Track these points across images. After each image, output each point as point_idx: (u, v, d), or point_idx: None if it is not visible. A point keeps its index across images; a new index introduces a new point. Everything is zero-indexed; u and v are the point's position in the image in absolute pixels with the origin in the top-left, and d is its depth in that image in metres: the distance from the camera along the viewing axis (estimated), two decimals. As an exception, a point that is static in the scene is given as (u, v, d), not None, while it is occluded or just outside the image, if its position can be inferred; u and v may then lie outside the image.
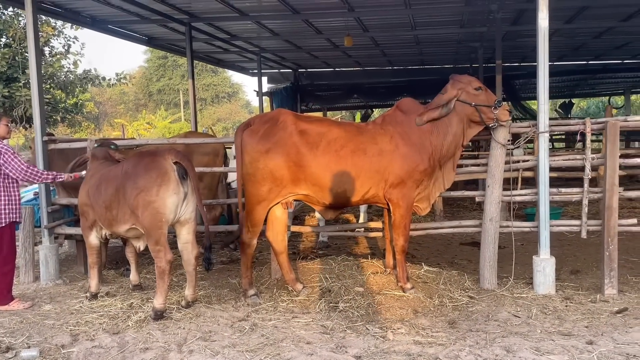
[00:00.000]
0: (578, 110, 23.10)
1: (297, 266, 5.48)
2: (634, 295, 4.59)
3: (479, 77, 12.01)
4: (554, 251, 6.44)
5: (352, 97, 16.48)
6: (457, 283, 4.93)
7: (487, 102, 4.60)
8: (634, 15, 9.12)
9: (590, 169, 4.70)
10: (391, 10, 8.56)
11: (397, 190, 4.54)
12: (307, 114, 5.15)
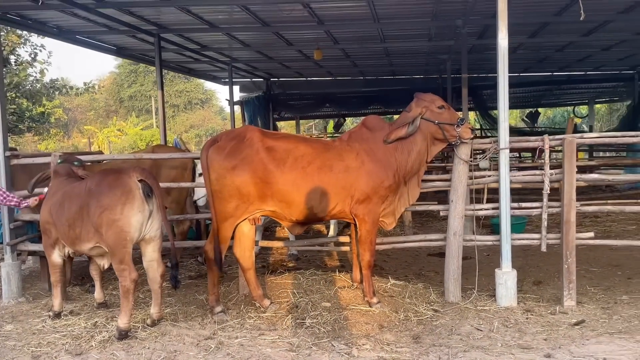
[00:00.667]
0: (545, 119, 23.71)
1: (266, 281, 5.50)
2: (592, 307, 4.74)
3: (448, 88, 12.27)
4: (519, 262, 6.65)
5: (324, 106, 16.60)
6: (423, 296, 5.02)
7: (450, 120, 4.71)
8: (594, 31, 9.45)
9: (549, 184, 4.85)
10: (360, 23, 8.68)
11: (363, 206, 4.61)
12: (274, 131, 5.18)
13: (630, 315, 4.46)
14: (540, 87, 16.16)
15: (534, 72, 15.13)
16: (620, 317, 4.43)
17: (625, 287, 5.38)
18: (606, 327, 4.23)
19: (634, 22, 8.96)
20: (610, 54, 12.14)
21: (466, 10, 7.48)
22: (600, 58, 12.93)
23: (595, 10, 8.15)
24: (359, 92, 16.21)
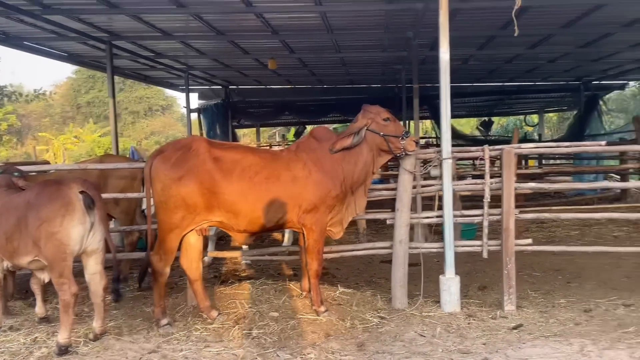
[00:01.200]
0: (498, 127, 24.44)
1: (215, 292, 5.47)
2: (531, 311, 4.92)
3: (403, 97, 12.52)
4: (467, 267, 6.84)
5: (283, 114, 16.66)
6: (370, 304, 5.10)
7: (395, 133, 4.82)
8: (539, 43, 9.86)
9: (489, 193, 5.03)
10: (314, 34, 8.79)
11: (311, 216, 4.67)
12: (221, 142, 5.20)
13: (566, 319, 4.66)
14: (492, 96, 16.71)
15: (486, 82, 15.63)
16: (556, 321, 4.62)
17: (564, 291, 5.60)
18: (542, 330, 4.40)
19: (575, 35, 9.41)
20: (556, 65, 12.66)
21: (416, 23, 7.69)
22: (547, 69, 13.47)
23: (539, 25, 8.54)
24: (318, 100, 16.35)
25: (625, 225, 8.81)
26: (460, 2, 6.81)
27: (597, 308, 4.91)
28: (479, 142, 16.74)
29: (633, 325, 4.36)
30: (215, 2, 6.84)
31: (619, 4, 7.23)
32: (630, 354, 3.79)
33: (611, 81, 15.78)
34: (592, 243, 7.83)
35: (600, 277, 6.09)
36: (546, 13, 7.81)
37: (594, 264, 6.67)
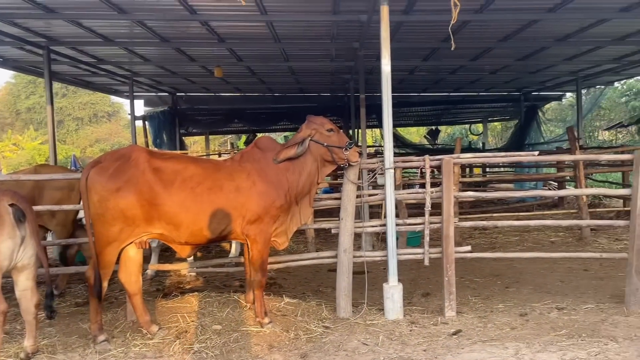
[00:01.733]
0: (445, 136, 25.13)
1: (157, 305, 5.34)
2: (471, 316, 5.06)
3: (351, 107, 12.67)
4: (412, 274, 6.98)
5: (233, 122, 16.51)
6: (315, 313, 5.11)
7: (338, 144, 4.87)
8: (480, 56, 10.23)
9: (430, 202, 5.15)
10: (262, 43, 8.78)
11: (255, 226, 4.63)
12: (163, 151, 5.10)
13: (502, 323, 4.81)
14: (439, 106, 17.18)
15: (433, 92, 16.04)
16: (494, 325, 4.77)
17: (502, 295, 5.80)
18: (481, 335, 4.53)
19: (513, 49, 9.82)
20: (498, 77, 13.17)
21: (362, 34, 7.81)
22: (489, 80, 13.98)
23: (479, 38, 8.86)
24: (268, 108, 16.30)
25: (562, 231, 9.23)
26: (402, 15, 6.98)
27: (533, 312, 5.10)
28: (427, 150, 17.17)
29: (565, 328, 4.56)
30: (158, 9, 6.72)
31: (551, 20, 7.61)
32: (561, 356, 3.96)
33: (549, 92, 16.53)
34: (531, 248, 8.15)
35: (537, 281, 6.35)
36: (485, 27, 8.11)
37: (531, 268, 6.94)
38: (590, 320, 4.77)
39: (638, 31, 8.37)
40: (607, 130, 24.35)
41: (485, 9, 6.83)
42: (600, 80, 14.28)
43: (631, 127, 21.67)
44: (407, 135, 24.41)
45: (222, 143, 28.91)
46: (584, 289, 5.89)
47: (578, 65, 11.72)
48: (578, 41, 9.03)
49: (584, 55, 10.48)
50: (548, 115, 21.73)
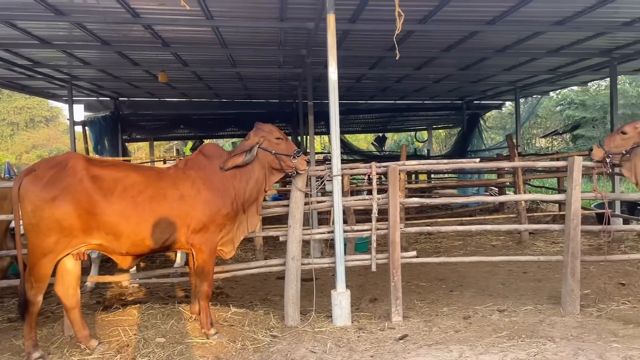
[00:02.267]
0: (392, 142, 25.64)
1: (97, 319, 5.11)
2: (417, 320, 5.15)
3: (299, 113, 12.68)
4: (360, 280, 7.03)
5: (178, 127, 16.16)
6: (263, 323, 5.05)
7: (286, 152, 4.84)
8: (424, 65, 10.50)
9: (377, 208, 5.21)
10: (208, 48, 8.65)
11: (200, 235, 4.53)
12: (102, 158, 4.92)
13: (447, 326, 4.92)
14: (385, 113, 17.51)
15: (379, 100, 16.31)
16: (439, 329, 4.86)
17: (447, 299, 5.94)
18: (426, 339, 4.61)
19: (455, 59, 10.13)
20: (441, 85, 13.56)
21: (309, 42, 7.83)
22: (433, 89, 14.37)
23: (423, 48, 9.10)
24: (215, 114, 16.07)
25: (502, 235, 9.57)
26: (349, 23, 7.06)
27: (475, 315, 5.25)
28: (374, 157, 17.43)
29: (506, 330, 4.71)
30: (99, 11, 6.48)
31: (491, 32, 7.91)
32: (502, 357, 4.08)
33: (489, 101, 17.17)
34: (473, 252, 8.41)
35: (479, 284, 6.55)
36: (429, 37, 8.34)
37: (474, 272, 7.16)
38: (529, 321, 4.95)
39: (571, 44, 8.84)
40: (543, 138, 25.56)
41: (429, 19, 7.01)
42: (536, 90, 14.97)
43: (565, 135, 22.86)
44: (355, 142, 24.71)
45: (168, 149, 28.27)
46: (523, 291, 6.12)
47: (516, 76, 12.24)
48: (516, 52, 9.43)
49: (521, 66, 10.95)
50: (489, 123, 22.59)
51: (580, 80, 13.25)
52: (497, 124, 26.99)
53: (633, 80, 19.53)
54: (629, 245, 8.03)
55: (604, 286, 6.13)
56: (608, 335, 4.45)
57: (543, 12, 6.94)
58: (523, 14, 6.88)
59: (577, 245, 5.15)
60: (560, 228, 5.47)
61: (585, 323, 4.84)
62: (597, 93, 20.88)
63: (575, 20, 7.21)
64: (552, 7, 6.73)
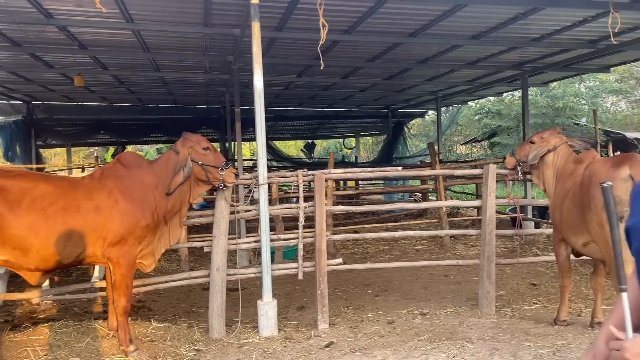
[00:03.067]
0: (321, 149, 25.89)
1: (4, 340, 4.74)
2: (343, 327, 5.20)
3: (227, 120, 12.51)
4: (288, 288, 7.01)
5: (98, 133, 15.40)
6: (187, 336, 4.90)
7: (214, 163, 4.74)
8: (350, 74, 10.69)
9: (303, 216, 5.23)
10: (129, 51, 8.33)
11: (117, 248, 4.33)
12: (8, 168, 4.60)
13: (372, 332, 5.00)
14: (314, 120, 17.65)
15: (308, 107, 16.42)
16: (364, 335, 4.94)
17: (372, 304, 6.05)
18: (351, 345, 4.66)
19: (380, 69, 10.40)
20: (367, 94, 13.86)
21: (236, 48, 7.74)
22: (360, 97, 14.66)
23: (349, 58, 9.26)
24: (138, 119, 15.48)
25: (425, 239, 9.91)
26: (275, 32, 7.06)
27: (399, 319, 5.38)
28: (304, 164, 17.51)
29: (427, 333, 4.86)
30: (8, 11, 6.05)
31: (413, 44, 8.19)
32: (424, 360, 4.21)
33: (413, 110, 17.75)
34: (398, 257, 8.64)
35: (403, 288, 6.73)
36: (354, 48, 8.50)
37: (399, 276, 7.35)
38: (449, 323, 5.15)
39: (486, 57, 9.33)
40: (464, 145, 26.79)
41: (354, 30, 7.15)
42: (456, 100, 15.68)
43: (484, 142, 24.09)
44: (285, 148, 24.72)
45: (88, 155, 26.89)
46: (444, 294, 6.35)
47: (437, 86, 12.76)
48: (437, 64, 9.82)
49: (442, 77, 11.42)
50: (413, 130, 23.38)
51: (496, 91, 14.03)
52: (421, 131, 28.00)
53: (544, 92, 20.94)
54: (540, 247, 8.57)
55: (518, 287, 6.50)
56: (521, 335, 4.70)
57: (460, 27, 7.28)
58: (442, 27, 7.18)
59: (492, 249, 5.43)
60: (477, 233, 5.74)
61: (501, 323, 5.10)
62: (511, 103, 22.17)
63: (489, 35, 7.63)
64: (468, 23, 7.08)
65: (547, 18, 6.87)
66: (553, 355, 4.18)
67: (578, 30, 7.42)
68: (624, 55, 9.26)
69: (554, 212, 4.94)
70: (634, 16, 6.75)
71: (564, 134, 5.10)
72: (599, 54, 8.77)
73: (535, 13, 6.55)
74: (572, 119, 20.65)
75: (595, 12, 6.53)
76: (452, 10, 6.42)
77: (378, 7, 6.17)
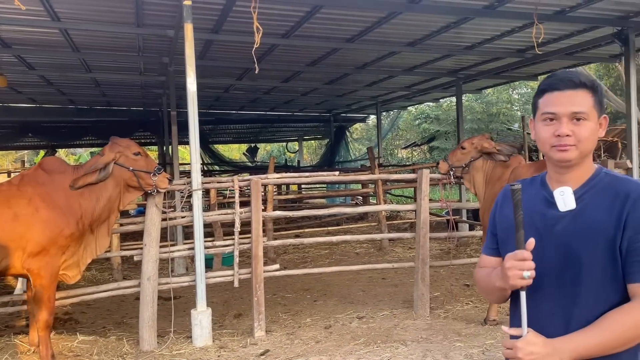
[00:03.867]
0: (265, 153, 25.73)
1: None
2: (280, 334, 5.14)
3: (165, 122, 12.17)
4: (225, 295, 6.87)
5: (26, 136, 14.61)
6: (115, 350, 4.69)
7: (146, 168, 4.58)
8: (291, 78, 10.67)
9: (239, 222, 5.13)
10: (57, 51, 7.94)
11: (38, 259, 4.08)
12: None
13: (308, 338, 4.98)
14: (256, 124, 17.51)
15: (250, 111, 16.26)
16: (300, 341, 4.91)
17: (310, 309, 6.03)
18: (287, 352, 4.62)
19: (321, 74, 10.46)
20: (309, 98, 13.90)
21: (171, 49, 7.54)
22: (302, 102, 14.67)
23: (289, 62, 9.23)
24: (70, 122, 14.82)
25: (365, 243, 10.01)
26: (212, 34, 6.93)
27: (336, 323, 5.39)
28: (246, 168, 17.32)
29: (363, 337, 4.90)
30: None
31: (351, 50, 8.28)
32: (358, 364, 4.23)
33: (355, 114, 17.98)
34: (338, 261, 8.67)
35: (342, 292, 6.75)
36: (294, 52, 8.48)
37: (338, 280, 7.37)
38: (385, 326, 5.21)
39: (422, 64, 9.56)
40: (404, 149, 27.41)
41: (291, 34, 7.13)
42: (396, 105, 16.00)
43: (423, 146, 24.75)
44: (227, 152, 24.37)
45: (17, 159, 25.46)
46: (381, 297, 6.43)
47: (377, 91, 12.96)
48: (376, 70, 9.97)
49: (381, 82, 11.62)
50: (355, 135, 23.71)
51: (433, 97, 14.43)
52: (363, 135, 28.41)
53: (479, 98, 21.76)
54: (473, 249, 8.85)
55: (452, 288, 6.67)
56: (453, 335, 4.82)
57: (397, 34, 7.42)
58: (379, 34, 7.29)
59: (426, 252, 5.54)
60: (412, 236, 5.84)
61: (434, 325, 5.21)
62: (449, 108, 22.89)
63: (424, 43, 7.82)
64: (404, 30, 7.22)
65: (477, 27, 7.13)
66: (482, 354, 4.31)
67: (507, 39, 7.75)
68: (550, 64, 9.75)
69: (484, 216, 5.11)
70: (558, 27, 7.12)
71: (492, 140, 5.28)
72: (527, 63, 9.20)
73: (466, 22, 6.77)
74: (505, 125, 21.60)
75: (522, 22, 6.84)
76: (388, 17, 6.53)
77: (314, 13, 6.19)
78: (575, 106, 1.51)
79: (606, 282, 1.48)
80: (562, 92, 1.52)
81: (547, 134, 1.54)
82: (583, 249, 1.48)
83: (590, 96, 1.52)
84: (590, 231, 1.48)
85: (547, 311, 1.53)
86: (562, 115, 1.51)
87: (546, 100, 1.55)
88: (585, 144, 1.52)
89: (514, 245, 1.48)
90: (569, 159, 1.52)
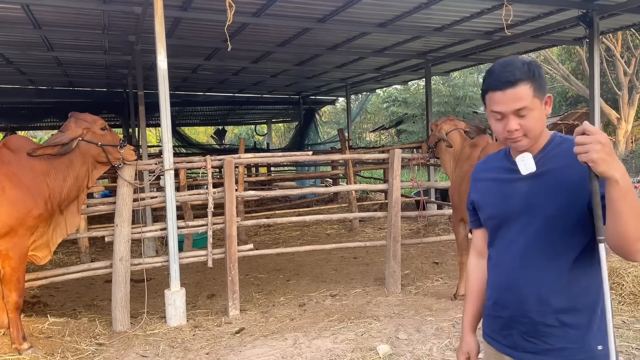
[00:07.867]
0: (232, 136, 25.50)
1: None
2: (254, 312, 5.18)
3: (130, 103, 11.90)
4: (198, 276, 6.85)
5: (-17, 118, 14.05)
6: (87, 331, 4.63)
7: (113, 142, 4.53)
8: (261, 59, 10.56)
9: (212, 203, 5.11)
10: (17, 28, 7.62)
11: (6, 240, 3.97)
12: None
13: (283, 315, 5.03)
14: (224, 106, 17.28)
15: (218, 92, 16.03)
16: (275, 319, 4.95)
17: (284, 289, 6.08)
18: (262, 330, 4.66)
19: (291, 54, 10.37)
20: (278, 80, 13.78)
21: (138, 27, 7.35)
22: (271, 83, 14.55)
23: (259, 41, 9.12)
24: (30, 103, 14.29)
25: (336, 224, 10.11)
26: (180, 11, 6.78)
27: (310, 301, 5.45)
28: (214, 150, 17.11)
29: (337, 314, 4.97)
30: None
31: (322, 30, 8.24)
32: (333, 339, 4.30)
33: (324, 97, 17.95)
34: (309, 242, 8.74)
35: (314, 272, 6.82)
36: (264, 31, 8.38)
37: (310, 260, 7.44)
38: (358, 303, 5.30)
39: (392, 45, 9.61)
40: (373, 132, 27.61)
41: (262, 13, 7.04)
42: (365, 88, 16.04)
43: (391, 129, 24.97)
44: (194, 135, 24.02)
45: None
46: (353, 275, 6.53)
47: (347, 73, 12.96)
48: (346, 51, 9.96)
49: (351, 64, 11.62)
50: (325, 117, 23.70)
51: (402, 79, 14.53)
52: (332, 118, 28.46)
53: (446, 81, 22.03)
54: (442, 228, 9.06)
55: (422, 266, 6.82)
56: (424, 310, 4.95)
57: (367, 14, 7.42)
58: (350, 14, 7.28)
59: (397, 231, 5.64)
60: (383, 215, 5.94)
61: (406, 300, 5.33)
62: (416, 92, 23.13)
63: (395, 24, 7.85)
64: (375, 10, 7.22)
65: (447, 8, 7.19)
66: (452, 327, 4.45)
67: (476, 21, 7.85)
68: (516, 47, 9.95)
69: (453, 195, 5.23)
70: (525, 9, 7.26)
71: (458, 120, 5.39)
72: (494, 45, 9.36)
73: (437, 3, 6.83)
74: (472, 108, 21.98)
75: (491, 4, 6.94)
76: (360, -3, 6.52)
77: (287, -9, 6.13)
78: (517, 103, 1.59)
79: (566, 232, 1.58)
80: (503, 92, 1.60)
81: (498, 129, 1.66)
82: (546, 204, 1.60)
83: (530, 86, 1.59)
84: (552, 189, 1.60)
85: (509, 239, 1.69)
86: (508, 114, 1.61)
87: (491, 99, 1.64)
88: (533, 132, 1.62)
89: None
90: (522, 147, 1.65)
